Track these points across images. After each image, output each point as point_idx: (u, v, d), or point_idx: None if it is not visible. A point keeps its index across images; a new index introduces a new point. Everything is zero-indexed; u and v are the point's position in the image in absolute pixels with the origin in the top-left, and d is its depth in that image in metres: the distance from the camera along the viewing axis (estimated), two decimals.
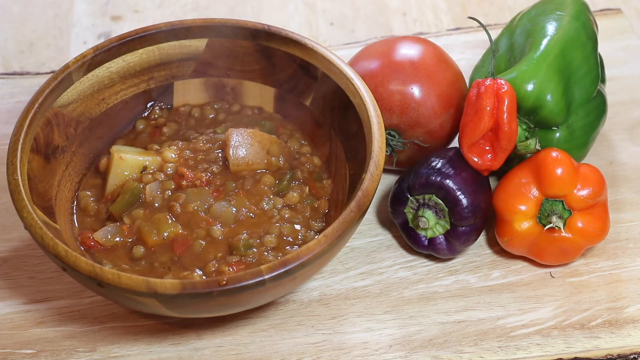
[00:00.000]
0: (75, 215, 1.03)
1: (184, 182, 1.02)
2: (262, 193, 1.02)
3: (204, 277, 0.95)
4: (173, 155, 1.04)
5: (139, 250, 0.98)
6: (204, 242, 0.98)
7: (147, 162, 1.03)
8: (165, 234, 0.98)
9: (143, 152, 1.05)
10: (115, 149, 1.05)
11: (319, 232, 1.01)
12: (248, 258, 0.97)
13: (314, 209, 1.03)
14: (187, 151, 1.05)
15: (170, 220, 0.99)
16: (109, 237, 0.99)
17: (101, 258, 0.98)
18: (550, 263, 1.07)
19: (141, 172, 1.03)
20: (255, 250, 0.97)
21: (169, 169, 1.03)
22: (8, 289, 1.06)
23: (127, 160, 1.03)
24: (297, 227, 1.01)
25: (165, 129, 1.10)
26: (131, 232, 0.99)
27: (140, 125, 1.11)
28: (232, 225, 1.00)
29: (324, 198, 1.04)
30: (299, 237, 1.00)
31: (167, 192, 1.01)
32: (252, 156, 1.04)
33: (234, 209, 1.00)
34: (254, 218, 1.01)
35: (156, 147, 1.07)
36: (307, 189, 1.04)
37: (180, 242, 0.98)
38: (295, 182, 1.04)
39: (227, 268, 0.95)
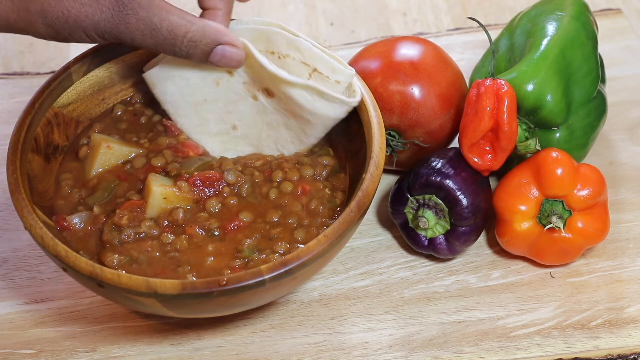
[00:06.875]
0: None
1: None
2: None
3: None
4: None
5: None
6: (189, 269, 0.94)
7: (132, 155, 1.02)
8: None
9: (127, 142, 1.03)
10: (100, 137, 1.02)
11: None
12: (252, 262, 0.94)
13: (332, 209, 0.99)
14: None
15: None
16: (82, 225, 0.96)
17: (78, 247, 0.95)
18: (550, 263, 1.07)
19: (120, 162, 1.01)
20: (264, 256, 0.94)
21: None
22: (8, 289, 1.06)
23: (114, 150, 1.01)
24: (313, 230, 0.97)
25: (142, 118, 1.07)
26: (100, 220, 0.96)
27: (119, 111, 1.08)
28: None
29: (340, 191, 1.01)
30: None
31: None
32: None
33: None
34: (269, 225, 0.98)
35: (135, 138, 1.04)
36: (327, 189, 1.00)
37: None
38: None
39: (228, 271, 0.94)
